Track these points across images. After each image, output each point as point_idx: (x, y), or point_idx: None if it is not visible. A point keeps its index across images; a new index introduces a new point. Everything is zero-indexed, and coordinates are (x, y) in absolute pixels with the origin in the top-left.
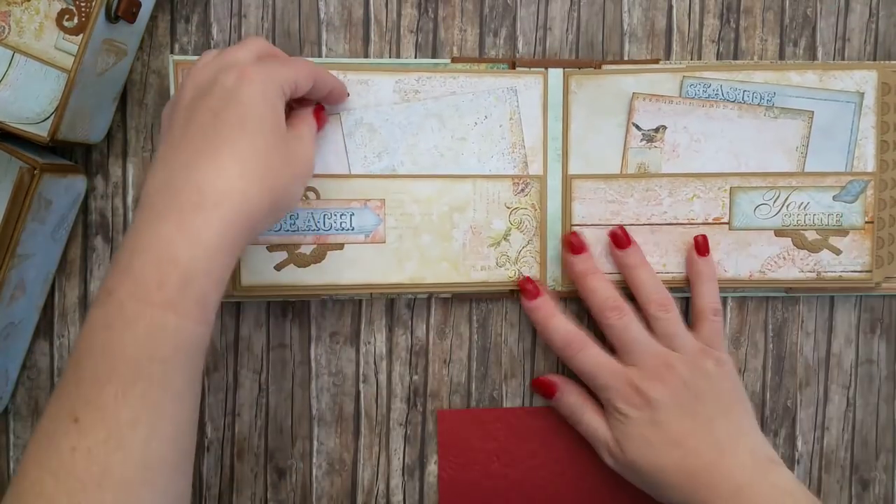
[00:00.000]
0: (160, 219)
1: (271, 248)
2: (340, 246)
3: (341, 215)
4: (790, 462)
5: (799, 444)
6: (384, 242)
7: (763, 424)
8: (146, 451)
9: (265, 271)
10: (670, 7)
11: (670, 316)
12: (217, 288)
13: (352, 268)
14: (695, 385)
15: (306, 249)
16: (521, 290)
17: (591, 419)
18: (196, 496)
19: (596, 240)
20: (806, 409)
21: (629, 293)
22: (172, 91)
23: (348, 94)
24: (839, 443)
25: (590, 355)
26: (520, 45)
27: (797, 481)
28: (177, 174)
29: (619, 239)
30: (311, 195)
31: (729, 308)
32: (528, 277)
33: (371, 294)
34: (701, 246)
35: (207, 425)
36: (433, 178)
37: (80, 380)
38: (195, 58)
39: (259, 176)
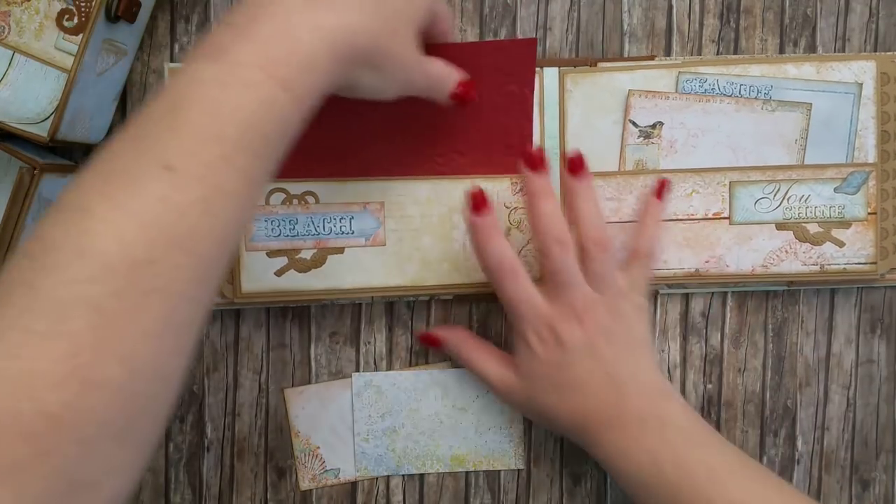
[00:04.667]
0: (286, 2)
1: (271, 253)
2: (341, 250)
3: (341, 219)
4: (790, 462)
5: (799, 444)
6: (384, 245)
7: (763, 424)
8: (228, 228)
9: (266, 277)
10: (670, 7)
11: (605, 257)
12: (319, 93)
13: (353, 271)
14: (610, 328)
15: (306, 254)
16: (471, 200)
17: (482, 364)
18: (196, 496)
19: None
20: (806, 409)
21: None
22: None
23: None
24: (839, 443)
25: (519, 286)
26: None
27: (688, 412)
28: None
29: (576, 164)
30: (311, 199)
31: (728, 308)
32: (482, 190)
33: (373, 298)
34: (660, 189)
35: (207, 425)
36: (432, 180)
37: (178, 128)
38: None
39: (377, 23)
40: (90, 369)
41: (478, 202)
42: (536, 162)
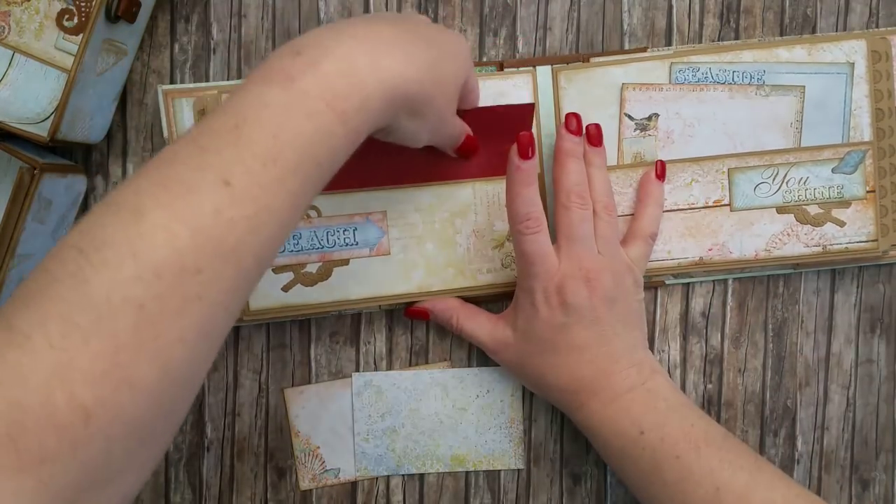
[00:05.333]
0: (356, 40)
1: (277, 269)
2: (346, 261)
3: (344, 231)
4: (790, 462)
5: (799, 444)
6: (389, 254)
7: (763, 424)
8: (269, 245)
9: (273, 294)
10: (670, 7)
11: (612, 220)
12: (368, 131)
13: (359, 282)
14: (612, 297)
15: (312, 268)
16: (519, 143)
17: (473, 325)
18: (196, 496)
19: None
20: (806, 409)
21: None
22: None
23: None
24: (839, 443)
25: (541, 241)
26: (520, 45)
27: (673, 387)
28: (385, 17)
29: (594, 137)
30: (313, 213)
31: (729, 308)
32: (530, 135)
33: (380, 306)
34: (660, 171)
35: (207, 425)
36: (432, 186)
37: (241, 147)
38: (184, 86)
39: (428, 75)
40: (127, 369)
41: (526, 146)
42: (575, 131)
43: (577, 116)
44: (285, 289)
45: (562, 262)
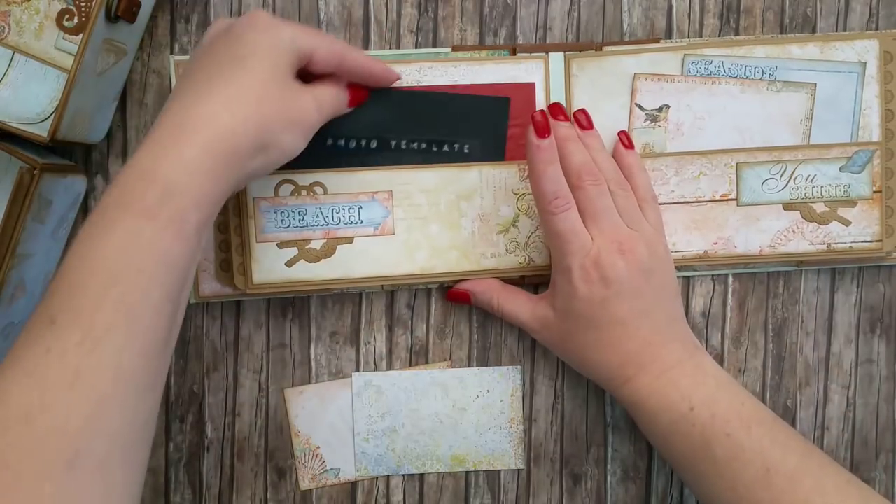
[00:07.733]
0: (150, 140)
1: (281, 244)
2: (350, 239)
3: (349, 209)
4: None
5: None
6: (393, 234)
7: None
8: (119, 360)
9: (276, 268)
10: (670, 7)
11: (629, 193)
12: (197, 209)
13: (362, 261)
14: (649, 267)
15: (316, 245)
16: (533, 124)
17: (511, 308)
18: (196, 496)
19: None
20: (806, 409)
21: None
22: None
23: (399, 77)
24: (839, 443)
25: (572, 218)
26: None
27: (717, 364)
28: (173, 105)
29: (585, 122)
30: (319, 190)
31: (729, 308)
32: (544, 112)
33: (382, 286)
34: (626, 140)
35: (207, 425)
36: (439, 168)
37: (61, 286)
38: None
39: (245, 112)
40: None
41: (542, 125)
42: (563, 111)
43: (559, 105)
44: (289, 264)
45: (594, 238)
